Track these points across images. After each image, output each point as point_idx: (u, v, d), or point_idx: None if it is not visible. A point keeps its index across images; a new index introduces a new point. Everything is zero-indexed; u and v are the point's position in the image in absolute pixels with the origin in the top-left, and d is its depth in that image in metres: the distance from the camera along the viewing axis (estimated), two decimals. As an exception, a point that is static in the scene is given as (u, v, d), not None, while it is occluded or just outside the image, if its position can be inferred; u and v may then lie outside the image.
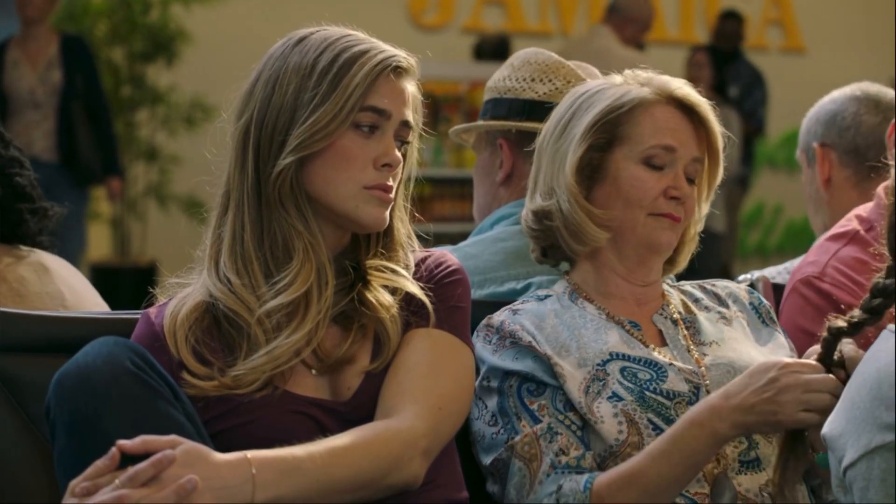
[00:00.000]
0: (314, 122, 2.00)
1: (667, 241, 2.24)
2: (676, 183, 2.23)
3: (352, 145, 2.02)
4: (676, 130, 2.24)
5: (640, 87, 2.26)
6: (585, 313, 2.24)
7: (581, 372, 2.15)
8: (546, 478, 2.09)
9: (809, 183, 2.94)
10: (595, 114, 2.24)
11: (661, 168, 2.23)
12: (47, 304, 2.47)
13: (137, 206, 8.15)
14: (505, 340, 2.18)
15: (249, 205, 2.04)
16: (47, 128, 6.72)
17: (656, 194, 2.22)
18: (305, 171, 2.03)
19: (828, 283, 2.47)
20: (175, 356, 1.99)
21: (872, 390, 1.73)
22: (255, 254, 2.03)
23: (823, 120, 2.88)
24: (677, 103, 2.26)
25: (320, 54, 2.02)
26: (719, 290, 2.37)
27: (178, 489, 1.73)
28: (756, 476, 2.12)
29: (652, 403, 2.12)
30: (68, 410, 1.83)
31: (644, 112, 2.24)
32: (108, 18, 8.13)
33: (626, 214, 2.23)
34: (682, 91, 2.26)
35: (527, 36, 9.20)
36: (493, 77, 2.70)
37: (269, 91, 2.03)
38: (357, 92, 2.01)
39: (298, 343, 1.99)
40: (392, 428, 1.93)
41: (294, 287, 2.00)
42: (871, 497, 1.72)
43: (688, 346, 2.22)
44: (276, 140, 2.02)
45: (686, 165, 2.24)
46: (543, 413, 2.13)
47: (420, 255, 2.14)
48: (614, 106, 2.24)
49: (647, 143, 2.23)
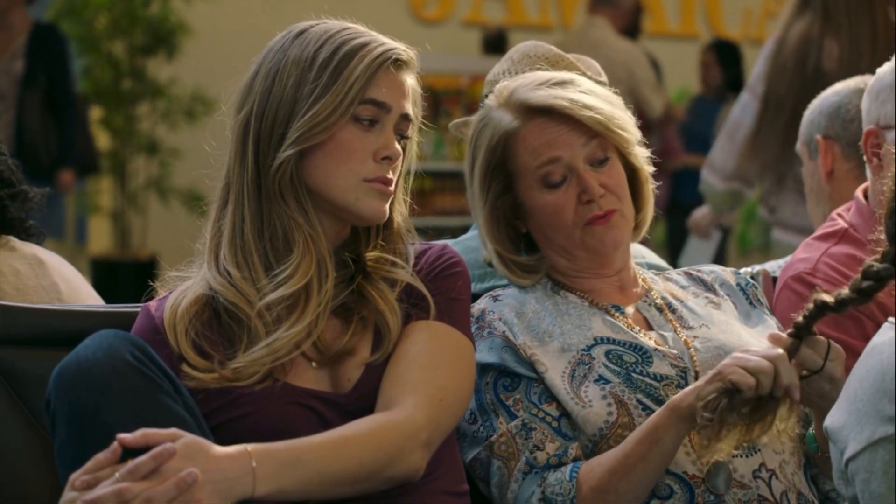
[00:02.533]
0: (314, 115, 2.00)
1: (611, 241, 2.23)
2: (583, 187, 2.20)
3: (352, 138, 2.02)
4: (552, 140, 2.21)
5: (505, 114, 2.23)
6: (568, 301, 2.24)
7: (564, 358, 2.15)
8: (523, 477, 2.10)
9: (811, 175, 2.94)
10: (480, 165, 2.25)
11: (561, 182, 2.21)
12: (43, 297, 2.47)
13: (138, 200, 8.15)
14: (483, 331, 2.19)
15: (249, 197, 2.03)
16: (8, 119, 6.65)
17: (572, 210, 2.21)
18: (305, 163, 2.03)
19: (820, 278, 2.47)
20: (175, 349, 1.99)
21: (875, 382, 1.74)
22: (254, 246, 2.03)
23: (827, 112, 2.88)
24: (541, 112, 2.22)
25: (320, 47, 2.02)
26: (705, 275, 2.37)
27: (178, 482, 1.73)
28: (750, 460, 2.12)
29: (640, 384, 2.13)
30: (69, 403, 1.83)
31: (517, 142, 2.23)
32: (109, 11, 8.11)
33: (560, 237, 2.23)
34: (538, 101, 2.22)
35: (527, 29, 9.19)
36: (492, 70, 2.69)
37: (268, 84, 2.03)
38: (357, 84, 2.01)
39: (299, 335, 1.99)
40: (392, 420, 1.93)
41: (294, 279, 2.00)
42: (874, 489, 1.72)
43: (675, 330, 2.22)
44: (277, 132, 2.02)
45: (581, 162, 2.21)
46: (518, 408, 2.13)
47: (420, 247, 2.14)
48: (491, 150, 2.24)
49: (533, 166, 2.21)
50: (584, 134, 2.21)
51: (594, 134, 2.20)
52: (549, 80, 2.25)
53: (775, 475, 2.12)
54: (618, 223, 2.22)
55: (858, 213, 2.56)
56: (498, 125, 2.24)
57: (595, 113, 2.19)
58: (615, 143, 2.22)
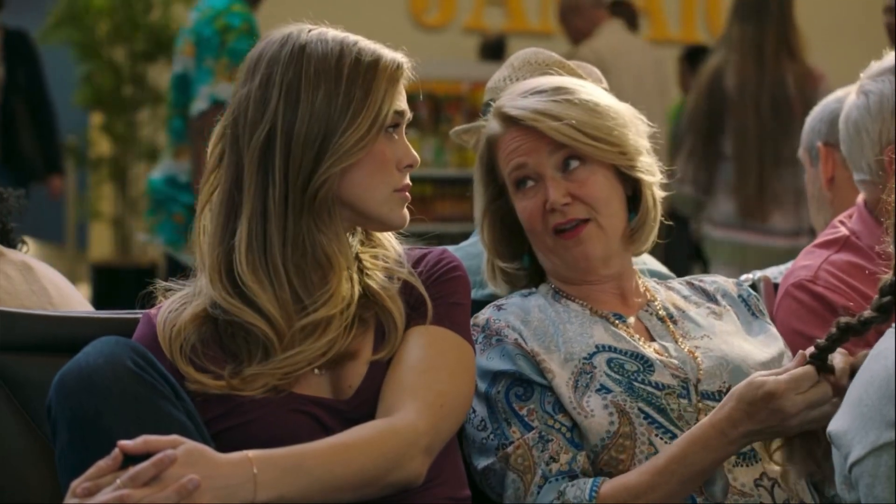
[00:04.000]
0: (356, 130, 1.99)
1: (581, 255, 2.23)
2: (546, 195, 2.21)
3: (385, 149, 2.03)
4: (518, 148, 2.23)
5: (493, 120, 2.28)
6: (570, 310, 2.24)
7: (568, 367, 2.15)
8: (538, 489, 2.09)
9: (812, 182, 2.94)
10: (476, 171, 2.31)
11: (533, 189, 2.23)
12: (34, 302, 2.47)
13: (139, 206, 8.15)
14: (491, 339, 2.18)
15: (277, 214, 2.00)
16: None
17: (538, 216, 2.22)
18: (342, 178, 2.02)
19: (821, 286, 2.47)
20: (171, 364, 1.98)
21: (881, 388, 1.74)
22: (283, 265, 1.99)
23: (828, 119, 2.87)
24: (512, 120, 2.24)
25: (339, 58, 2.01)
26: (707, 285, 2.37)
27: (179, 489, 1.73)
28: (751, 469, 2.12)
29: (641, 393, 2.13)
30: (70, 409, 1.83)
31: (497, 148, 2.27)
32: (110, 18, 8.13)
33: (537, 243, 2.26)
34: (507, 111, 2.24)
35: (527, 35, 9.19)
36: (493, 77, 2.69)
37: (292, 97, 2.00)
38: (388, 97, 2.02)
39: (318, 351, 1.98)
40: (393, 426, 1.93)
41: (336, 299, 1.99)
42: (878, 494, 1.72)
43: (677, 340, 2.22)
44: (310, 149, 1.99)
45: (550, 169, 2.22)
46: (533, 418, 2.13)
47: (419, 252, 2.13)
48: (481, 156, 2.30)
49: (506, 172, 2.26)
50: (551, 143, 2.21)
51: (561, 144, 2.21)
52: (535, 88, 2.26)
53: (777, 484, 2.12)
54: (590, 236, 2.22)
55: (860, 221, 2.56)
56: (487, 131, 2.29)
57: (563, 124, 2.20)
58: (583, 154, 2.22)
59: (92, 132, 8.68)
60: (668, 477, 2.04)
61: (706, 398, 2.14)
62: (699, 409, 2.13)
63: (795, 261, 2.62)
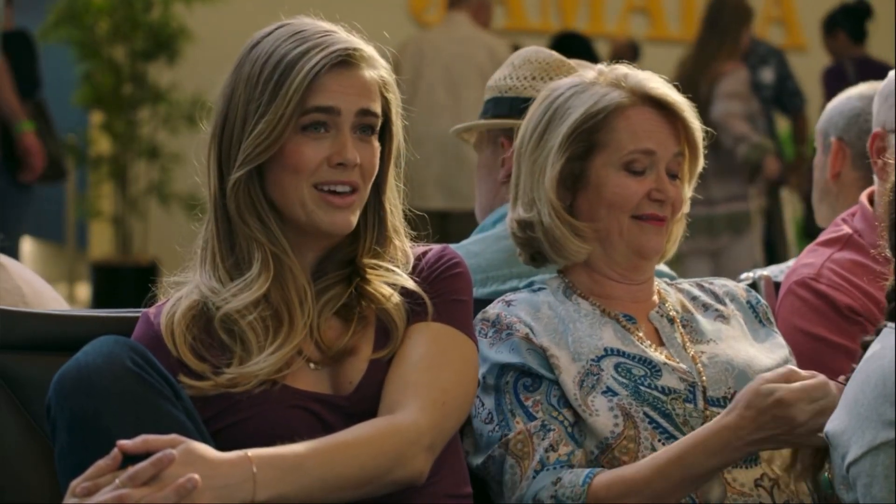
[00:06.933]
0: (259, 133, 1.99)
1: (654, 246, 2.24)
2: (659, 185, 2.22)
3: (302, 149, 2.01)
4: (654, 132, 2.23)
5: (613, 90, 2.24)
6: (580, 308, 2.24)
7: (575, 366, 2.15)
8: (535, 474, 2.09)
9: (820, 168, 2.91)
10: (570, 124, 2.22)
11: (642, 172, 2.22)
12: (7, 300, 2.47)
13: (139, 205, 8.15)
14: (501, 333, 2.18)
15: (217, 216, 2.05)
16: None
17: (639, 199, 2.22)
18: (265, 180, 2.03)
19: (824, 284, 2.47)
20: (174, 354, 1.98)
21: (877, 387, 1.74)
22: (222, 262, 2.03)
23: (847, 115, 2.83)
24: (653, 102, 2.24)
25: (266, 61, 2.01)
26: (717, 288, 2.37)
27: (178, 488, 1.73)
28: (751, 470, 2.12)
29: (647, 398, 2.13)
30: (69, 409, 1.83)
31: (620, 117, 2.23)
32: (110, 16, 8.12)
33: (611, 219, 2.23)
34: (657, 91, 2.24)
35: (528, 34, 9.19)
36: (493, 76, 2.69)
37: (223, 105, 2.04)
38: (296, 96, 1.99)
39: (286, 357, 1.98)
40: (395, 424, 1.93)
41: (249, 293, 1.99)
42: (875, 493, 1.72)
43: (684, 344, 2.22)
44: (233, 153, 2.02)
45: (668, 163, 2.24)
46: (538, 409, 2.13)
47: (420, 249, 2.13)
48: (589, 114, 2.22)
49: (626, 148, 2.22)
50: (681, 142, 2.25)
51: (688, 147, 2.26)
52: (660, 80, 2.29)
53: (777, 485, 2.12)
54: (665, 235, 2.26)
55: (863, 219, 2.55)
56: (604, 96, 2.23)
57: (699, 133, 2.26)
58: (689, 166, 2.27)
59: (92, 131, 8.68)
60: (665, 476, 2.04)
61: (713, 405, 2.15)
62: (706, 415, 2.14)
63: (798, 258, 2.61)
